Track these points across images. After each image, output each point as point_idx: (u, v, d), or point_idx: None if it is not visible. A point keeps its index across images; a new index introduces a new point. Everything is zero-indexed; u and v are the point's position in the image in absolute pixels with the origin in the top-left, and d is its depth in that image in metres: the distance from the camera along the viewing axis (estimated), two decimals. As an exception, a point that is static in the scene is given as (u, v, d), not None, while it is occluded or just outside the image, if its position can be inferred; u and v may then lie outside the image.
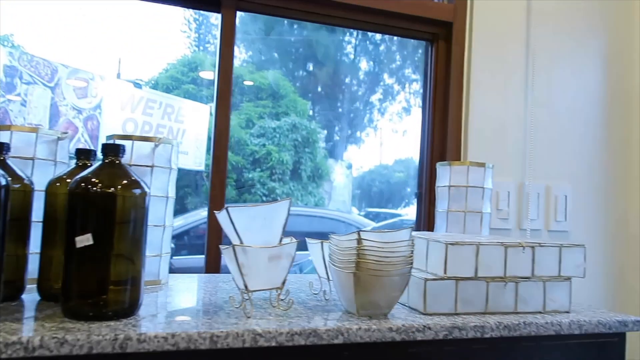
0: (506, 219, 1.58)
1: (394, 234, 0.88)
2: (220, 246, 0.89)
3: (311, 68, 12.28)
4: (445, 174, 1.28)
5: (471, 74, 1.68)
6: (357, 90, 11.82)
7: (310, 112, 9.77)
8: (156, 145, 1.03)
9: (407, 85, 11.89)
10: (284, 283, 0.86)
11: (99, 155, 0.91)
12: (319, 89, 12.09)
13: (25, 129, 0.93)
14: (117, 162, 0.78)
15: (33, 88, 7.26)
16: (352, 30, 12.41)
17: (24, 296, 0.85)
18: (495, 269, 0.98)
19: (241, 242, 0.80)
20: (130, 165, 0.97)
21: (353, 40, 12.36)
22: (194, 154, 8.51)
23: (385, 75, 12.17)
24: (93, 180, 0.75)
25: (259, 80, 9.51)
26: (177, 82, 9.56)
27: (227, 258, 0.83)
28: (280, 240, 0.85)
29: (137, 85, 8.62)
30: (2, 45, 7.22)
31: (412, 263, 0.89)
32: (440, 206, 1.29)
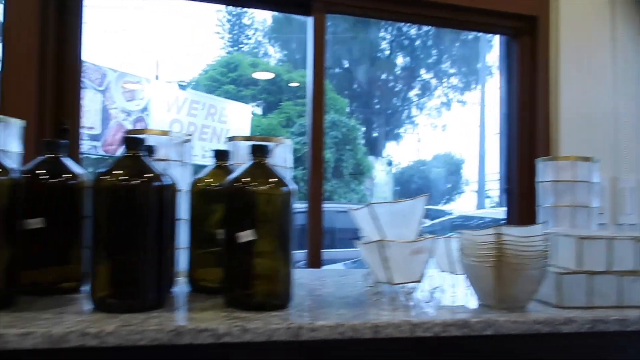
0: (602, 214, 1.55)
1: (529, 229, 0.88)
2: (357, 241, 0.91)
3: (347, 65, 12.29)
4: (549, 169, 1.26)
5: (559, 69, 1.64)
6: (394, 86, 11.75)
7: (348, 110, 9.77)
8: (276, 145, 1.06)
9: (445, 80, 11.75)
10: (423, 276, 0.87)
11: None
12: (355, 86, 12.09)
13: (158, 132, 0.98)
14: (263, 162, 0.81)
15: (85, 92, 7.55)
16: (386, 26, 12.31)
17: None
18: (626, 263, 0.97)
19: (385, 237, 0.81)
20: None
21: (388, 36, 12.28)
22: (238, 154, 8.67)
23: (422, 71, 12.07)
24: (245, 179, 0.78)
25: (297, 79, 9.58)
26: (217, 83, 9.72)
27: (367, 252, 0.84)
28: (418, 235, 0.87)
29: (182, 87, 8.83)
30: None
31: (547, 257, 0.89)
32: (544, 202, 1.27)
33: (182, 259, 0.91)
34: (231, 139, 1.10)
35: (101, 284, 0.76)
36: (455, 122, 12.16)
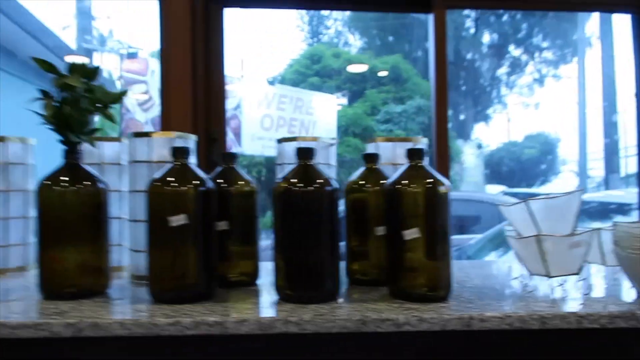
0: None
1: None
2: (511, 236, 0.94)
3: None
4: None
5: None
6: (481, 65, 11.27)
7: (434, 93, 9.55)
8: (414, 145, 1.12)
9: (537, 55, 11.06)
10: (580, 269, 0.89)
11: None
12: (439, 68, 11.73)
13: (309, 138, 1.08)
14: (420, 164, 0.86)
15: (183, 95, 8.08)
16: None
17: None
18: None
19: (541, 232, 0.84)
20: (394, 164, 1.09)
21: (472, 14, 11.75)
22: (325, 145, 8.85)
23: (511, 47, 11.44)
24: (405, 182, 0.84)
25: (379, 66, 9.54)
26: (302, 76, 9.96)
27: (521, 246, 0.87)
28: (574, 229, 0.88)
29: (270, 82, 9.16)
30: (157, 58, 8.12)
31: None
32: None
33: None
34: (372, 139, 1.16)
35: (284, 277, 0.86)
36: (549, 99, 11.40)
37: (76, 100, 0.86)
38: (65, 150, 0.91)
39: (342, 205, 0.96)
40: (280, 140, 1.14)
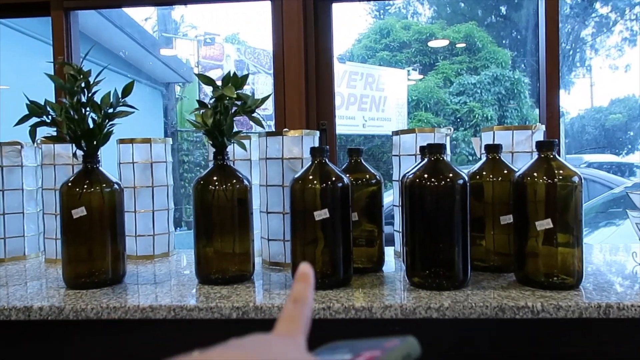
0: None
1: None
2: None
3: (504, 12, 11.34)
4: None
5: None
6: (563, 27, 10.50)
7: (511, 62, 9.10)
8: (533, 133, 1.13)
9: (627, 12, 10.11)
10: None
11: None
12: (514, 34, 11.12)
13: (428, 130, 1.13)
14: (551, 155, 0.89)
15: (257, 77, 8.30)
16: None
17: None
18: None
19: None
20: (513, 153, 1.11)
21: (551, -29, 10.90)
22: (397, 120, 8.75)
23: (597, 5, 10.54)
24: (533, 174, 0.88)
25: (452, 36, 9.20)
26: (371, 51, 9.85)
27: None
28: None
29: (341, 60, 9.15)
30: (231, 43, 8.38)
31: None
32: None
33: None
34: (489, 128, 1.18)
35: (416, 266, 0.93)
36: (641, 59, 10.46)
37: (227, 108, 0.96)
38: (215, 153, 1.02)
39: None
40: (396, 132, 1.20)
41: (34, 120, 1.02)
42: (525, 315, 0.81)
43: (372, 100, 8.31)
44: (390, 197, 1.24)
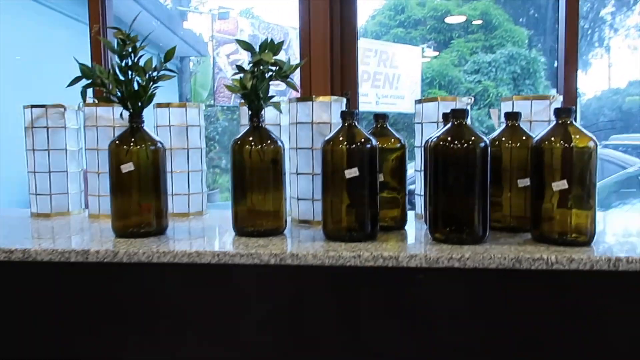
0: None
1: None
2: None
3: (522, -11, 11.11)
4: None
5: None
6: (582, 4, 10.28)
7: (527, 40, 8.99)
8: (551, 103, 1.19)
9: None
10: None
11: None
12: (532, 12, 10.94)
13: (450, 98, 1.20)
14: (568, 121, 0.95)
15: (271, 52, 8.31)
16: None
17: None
18: None
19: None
20: (531, 122, 1.17)
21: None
22: (410, 97, 8.73)
23: (618, -17, 10.27)
24: (551, 138, 0.94)
25: (468, 13, 9.10)
26: (385, 28, 9.79)
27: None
28: None
29: (355, 36, 9.09)
30: (245, 17, 8.37)
31: None
32: None
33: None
34: (508, 98, 1.24)
35: (438, 222, 1.01)
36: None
37: (264, 72, 1.03)
38: (251, 115, 1.09)
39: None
40: (419, 101, 1.26)
41: (84, 82, 1.09)
42: (540, 267, 0.89)
43: (386, 78, 8.29)
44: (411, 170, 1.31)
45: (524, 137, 1.09)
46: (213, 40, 8.18)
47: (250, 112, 1.10)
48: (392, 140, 1.15)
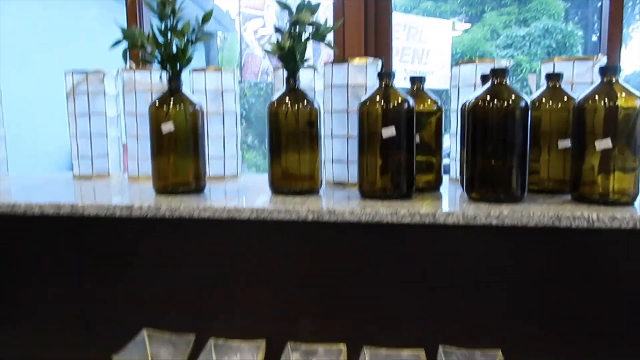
0: None
1: None
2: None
3: (559, -42, 10.62)
4: None
5: None
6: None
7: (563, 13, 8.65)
8: (594, 64, 1.16)
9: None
10: None
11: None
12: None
13: (487, 60, 1.18)
14: (613, 79, 0.93)
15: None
16: None
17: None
18: None
19: None
20: (573, 84, 1.14)
21: None
22: (440, 74, 8.58)
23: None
24: (596, 97, 0.92)
25: (501, -16, 8.78)
26: (414, 2, 9.56)
27: None
28: None
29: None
30: (273, -8, 8.31)
31: None
32: None
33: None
34: (549, 60, 1.21)
35: (474, 181, 1.00)
36: None
37: (301, 34, 1.03)
38: (287, 77, 1.10)
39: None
40: (457, 64, 1.24)
41: (125, 46, 1.12)
42: (580, 225, 0.88)
43: (415, 53, 8.12)
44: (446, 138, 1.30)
45: (565, 99, 1.07)
46: (240, 16, 8.17)
47: (286, 74, 1.11)
48: (429, 102, 1.14)
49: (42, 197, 1.12)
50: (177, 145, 1.13)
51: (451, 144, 1.29)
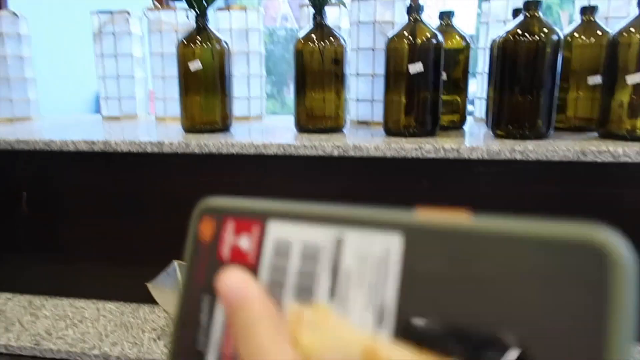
0: None
1: None
2: None
3: None
4: None
5: None
6: None
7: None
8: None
9: None
10: None
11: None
12: None
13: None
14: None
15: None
16: None
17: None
18: None
19: None
20: (607, 18, 1.11)
21: None
22: (462, 18, 8.28)
23: None
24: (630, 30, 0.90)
25: None
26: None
27: None
28: None
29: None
30: None
31: None
32: None
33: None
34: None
35: (500, 117, 1.00)
36: None
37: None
38: (314, 13, 1.09)
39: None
40: (486, -1, 1.21)
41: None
42: (606, 159, 0.88)
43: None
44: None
45: (599, 33, 1.04)
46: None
47: (313, 10, 1.10)
48: (457, 38, 1.13)
49: (75, 135, 1.15)
50: (205, 84, 1.14)
51: (477, 84, 1.28)
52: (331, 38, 1.09)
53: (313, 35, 1.09)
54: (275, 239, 0.24)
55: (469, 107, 1.26)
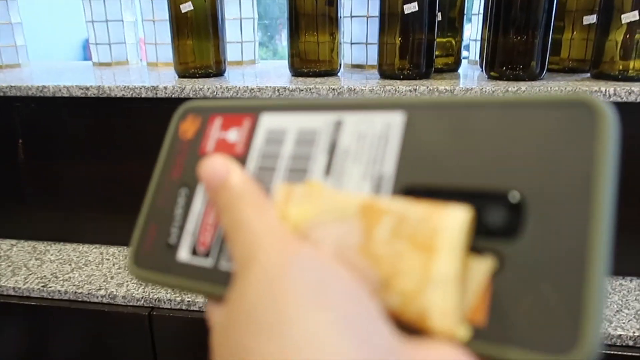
0: None
1: None
2: None
3: None
4: None
5: None
6: None
7: None
8: None
9: None
10: None
11: None
12: None
13: None
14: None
15: None
16: None
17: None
18: None
19: None
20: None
21: None
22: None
23: None
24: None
25: None
26: None
27: None
28: None
29: None
30: None
31: None
32: None
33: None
34: None
35: (493, 59, 1.01)
36: None
37: None
38: (306, -50, 1.06)
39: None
40: None
41: None
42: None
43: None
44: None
45: (595, -30, 1.03)
46: None
47: (305, -52, 1.06)
48: (453, -24, 1.11)
49: (68, 80, 1.14)
50: (197, 27, 1.12)
51: (472, 27, 1.26)
52: (325, -22, 1.07)
53: (306, -25, 1.07)
54: (267, 129, 0.23)
55: (464, 53, 1.26)
